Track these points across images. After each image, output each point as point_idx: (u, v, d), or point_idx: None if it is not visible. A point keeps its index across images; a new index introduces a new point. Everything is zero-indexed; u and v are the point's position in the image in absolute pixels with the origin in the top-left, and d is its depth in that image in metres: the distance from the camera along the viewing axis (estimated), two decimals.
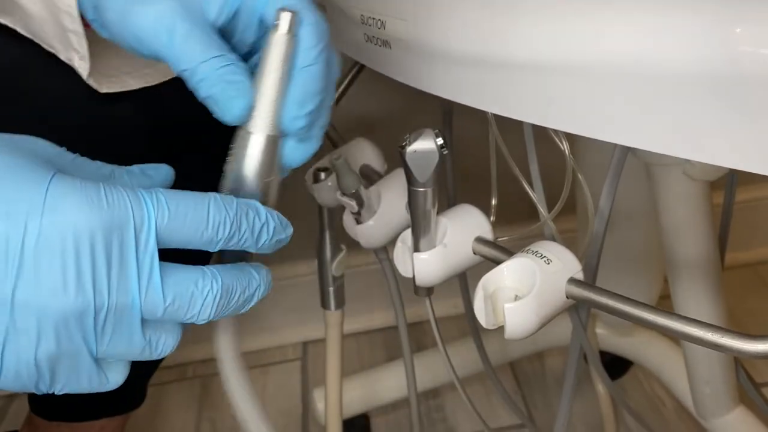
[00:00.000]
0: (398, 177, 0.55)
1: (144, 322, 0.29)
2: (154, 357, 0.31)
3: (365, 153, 0.61)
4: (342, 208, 0.58)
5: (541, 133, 0.53)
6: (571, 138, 0.47)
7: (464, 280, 0.70)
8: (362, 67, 0.67)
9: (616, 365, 1.00)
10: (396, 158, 0.62)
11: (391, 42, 0.49)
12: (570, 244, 0.47)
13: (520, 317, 0.42)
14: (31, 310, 0.26)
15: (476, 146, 0.66)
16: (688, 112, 0.34)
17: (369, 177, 0.60)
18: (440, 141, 0.44)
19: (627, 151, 0.46)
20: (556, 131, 0.49)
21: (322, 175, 0.61)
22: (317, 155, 0.66)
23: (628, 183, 0.50)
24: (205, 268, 0.30)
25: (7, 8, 0.40)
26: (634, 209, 0.77)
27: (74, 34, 0.38)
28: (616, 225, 0.51)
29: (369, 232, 0.55)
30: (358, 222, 0.55)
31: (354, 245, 0.59)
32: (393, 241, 0.56)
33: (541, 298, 0.42)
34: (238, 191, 0.35)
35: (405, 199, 0.54)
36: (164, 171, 0.36)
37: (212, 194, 0.31)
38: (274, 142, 0.35)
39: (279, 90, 0.34)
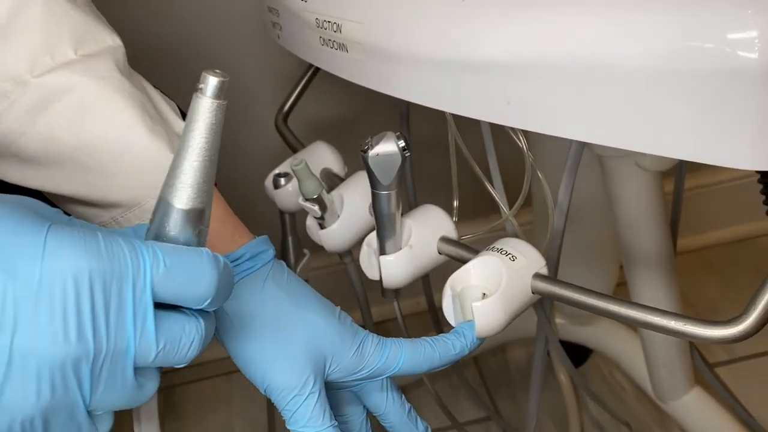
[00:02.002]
0: (360, 180, 0.55)
1: (134, 368, 0.29)
2: (140, 402, 0.30)
3: (325, 156, 0.61)
4: (304, 212, 0.57)
5: (498, 128, 0.53)
6: (527, 134, 0.48)
7: (426, 278, 0.71)
8: (317, 70, 0.67)
9: (576, 354, 1.02)
10: (355, 161, 0.63)
11: (347, 45, 0.49)
12: (528, 237, 0.48)
13: (489, 315, 0.42)
14: (29, 359, 0.26)
15: (432, 146, 0.67)
16: (640, 106, 0.35)
17: (330, 180, 0.59)
18: (402, 143, 0.44)
19: (583, 146, 0.47)
20: (514, 129, 0.49)
21: (282, 180, 0.61)
22: (276, 161, 0.66)
23: (582, 175, 0.51)
24: (187, 312, 0.30)
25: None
26: (588, 201, 0.78)
27: None
28: (572, 217, 0.52)
29: (333, 236, 0.54)
30: (322, 227, 0.55)
31: (317, 247, 0.58)
32: (357, 244, 0.56)
33: (508, 295, 0.43)
34: None
35: (368, 202, 0.54)
36: None
37: (204, 250, 0.30)
38: (195, 216, 0.31)
39: (202, 163, 0.30)
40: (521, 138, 0.50)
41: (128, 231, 0.34)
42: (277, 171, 0.61)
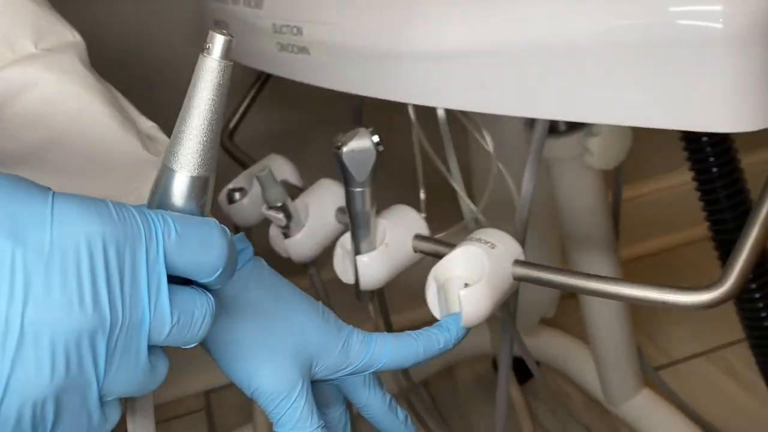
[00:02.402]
0: (324, 187, 0.54)
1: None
2: (150, 387, 0.28)
3: (281, 168, 0.59)
4: (260, 227, 0.56)
5: (457, 129, 0.54)
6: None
7: (382, 298, 0.70)
8: (263, 84, 0.66)
9: (524, 369, 1.03)
10: (309, 174, 0.62)
11: (309, 47, 0.48)
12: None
13: (476, 302, 0.42)
14: (43, 332, 0.23)
15: (388, 150, 0.67)
16: (618, 80, 0.36)
17: (289, 192, 0.58)
18: (376, 138, 0.44)
19: (546, 134, 0.48)
20: (478, 129, 0.50)
21: (237, 195, 0.59)
22: (224, 179, 0.64)
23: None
24: (195, 287, 0.29)
25: None
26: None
27: None
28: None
29: (299, 245, 0.53)
30: (287, 236, 0.53)
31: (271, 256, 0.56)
32: (323, 252, 0.55)
33: (492, 282, 0.43)
34: None
35: (333, 210, 0.53)
36: None
37: (212, 219, 0.29)
38: (201, 184, 0.29)
39: (207, 126, 0.29)
40: (486, 136, 0.51)
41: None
42: (231, 186, 0.59)
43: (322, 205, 0.54)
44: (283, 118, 0.94)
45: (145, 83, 0.85)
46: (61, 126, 0.38)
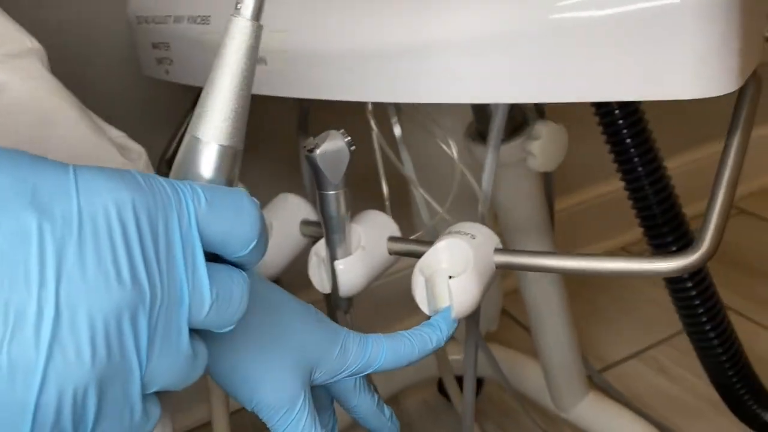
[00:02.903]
0: (284, 201, 0.53)
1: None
2: (192, 377, 0.26)
3: None
4: None
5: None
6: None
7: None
8: None
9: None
10: (257, 192, 0.60)
11: (266, 57, 0.48)
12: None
13: (466, 291, 0.42)
14: (80, 312, 0.21)
15: None
16: (584, 57, 0.38)
17: None
18: (348, 139, 0.44)
19: (504, 124, 0.50)
20: (444, 138, 0.51)
21: None
22: None
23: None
24: (228, 264, 0.27)
25: None
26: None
27: None
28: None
29: (264, 263, 0.51)
30: None
31: None
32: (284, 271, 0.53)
33: (479, 270, 0.43)
34: None
35: (297, 222, 0.52)
36: None
37: (241, 189, 0.27)
38: (231, 154, 0.28)
39: (239, 92, 0.27)
40: (451, 144, 0.51)
41: None
42: None
43: (284, 219, 0.52)
44: None
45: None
46: (33, 132, 0.35)
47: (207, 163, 0.27)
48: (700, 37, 0.35)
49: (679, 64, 0.36)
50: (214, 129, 0.27)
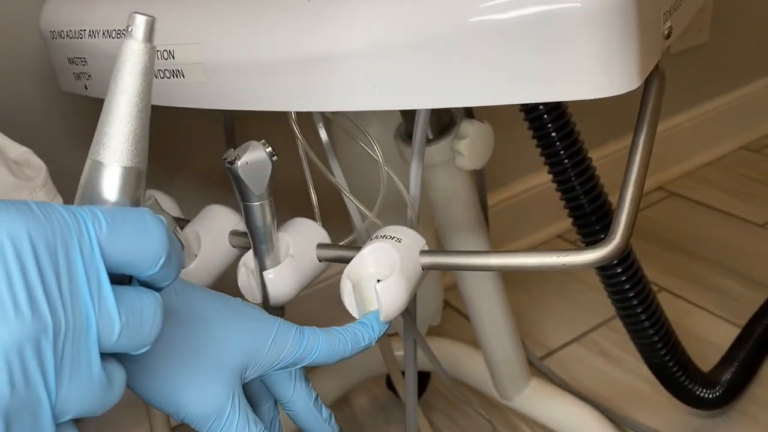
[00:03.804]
0: (212, 212, 0.53)
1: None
2: (108, 404, 0.26)
3: (162, 202, 0.57)
4: None
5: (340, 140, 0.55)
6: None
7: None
8: None
9: (418, 381, 1.04)
10: (186, 204, 0.60)
11: (184, 70, 0.47)
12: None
13: (393, 294, 0.43)
14: None
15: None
16: (488, 62, 0.39)
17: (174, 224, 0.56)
18: (269, 149, 0.44)
19: (426, 128, 0.50)
20: (370, 144, 0.51)
21: None
22: None
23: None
24: (136, 285, 0.27)
25: None
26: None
27: None
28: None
29: (193, 275, 0.51)
30: None
31: None
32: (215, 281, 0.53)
33: (405, 273, 0.43)
34: None
35: (225, 234, 0.52)
36: None
37: (145, 208, 0.27)
38: (134, 175, 0.28)
39: (138, 112, 0.27)
40: (376, 148, 0.52)
41: None
42: None
43: (213, 231, 0.52)
44: (153, 150, 0.89)
45: None
46: None
47: (110, 186, 0.27)
48: (598, 40, 0.37)
49: (579, 67, 0.37)
50: (114, 152, 0.27)
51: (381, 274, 0.44)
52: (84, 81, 0.56)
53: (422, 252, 0.45)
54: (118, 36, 0.51)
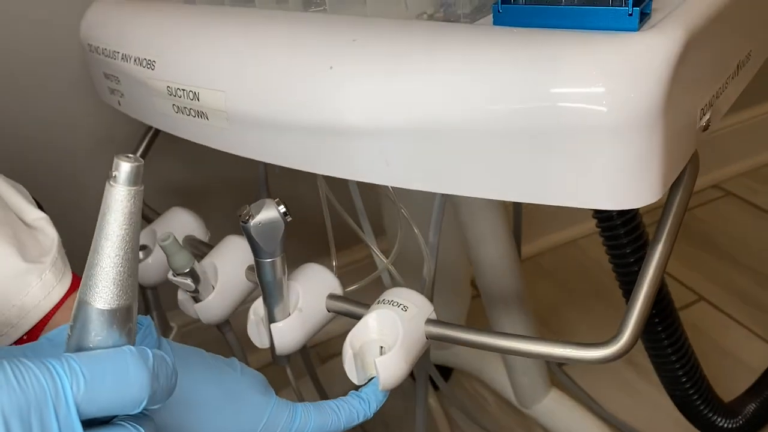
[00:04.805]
0: (231, 244, 0.53)
1: None
2: None
3: (186, 223, 0.58)
4: (167, 283, 0.54)
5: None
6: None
7: (306, 354, 0.70)
8: (156, 134, 0.64)
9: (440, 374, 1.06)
10: (217, 224, 0.61)
11: (207, 113, 0.47)
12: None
13: (392, 368, 0.43)
14: None
15: (295, 201, 0.66)
16: (510, 161, 0.37)
17: (195, 249, 0.57)
18: (282, 209, 0.44)
19: (446, 198, 0.50)
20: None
21: (141, 254, 0.58)
22: None
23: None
24: (123, 422, 0.28)
25: None
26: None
27: None
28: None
29: (210, 308, 0.52)
30: (196, 300, 0.52)
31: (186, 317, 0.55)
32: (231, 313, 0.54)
33: (407, 346, 0.44)
34: None
35: (243, 266, 0.53)
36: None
37: (128, 348, 0.28)
38: (123, 313, 0.28)
39: (122, 256, 0.28)
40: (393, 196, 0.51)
41: (42, 342, 0.30)
42: None
43: (230, 264, 0.53)
44: (187, 167, 0.91)
45: (30, 142, 0.81)
46: None
47: (100, 327, 0.28)
48: (618, 155, 0.35)
49: (595, 176, 0.36)
50: (100, 294, 0.28)
51: (383, 341, 0.44)
52: (117, 97, 0.57)
53: (429, 321, 0.45)
54: (147, 67, 0.51)
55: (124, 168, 0.27)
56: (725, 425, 0.86)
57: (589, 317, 1.13)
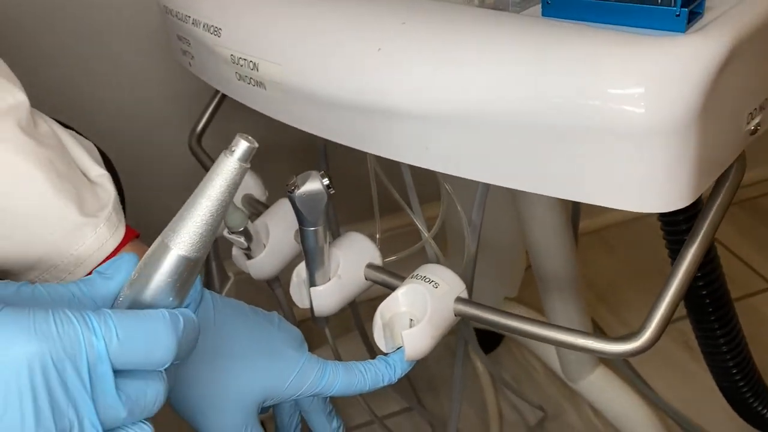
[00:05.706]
0: (283, 207, 0.56)
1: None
2: None
3: (245, 183, 0.61)
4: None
5: None
6: None
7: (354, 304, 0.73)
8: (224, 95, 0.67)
9: (489, 339, 1.08)
10: (275, 185, 0.63)
11: (265, 83, 0.50)
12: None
13: (418, 341, 0.45)
14: None
15: (348, 171, 0.68)
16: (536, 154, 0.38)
17: (252, 207, 0.60)
18: (326, 181, 0.46)
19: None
20: None
21: None
22: (192, 183, 0.66)
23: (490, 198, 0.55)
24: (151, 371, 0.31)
25: None
26: (493, 223, 0.83)
27: None
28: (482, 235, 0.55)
29: (260, 266, 0.56)
30: (249, 257, 0.56)
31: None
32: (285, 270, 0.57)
33: (434, 321, 0.46)
34: (143, 302, 0.33)
35: (293, 229, 0.56)
36: (124, 265, 0.34)
37: (163, 312, 0.31)
38: (192, 265, 0.32)
39: (213, 216, 0.31)
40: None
41: (94, 277, 0.34)
42: None
43: (281, 226, 0.56)
44: (252, 126, 0.94)
45: (107, 88, 0.85)
46: None
47: (167, 269, 0.32)
48: (647, 158, 0.35)
49: (624, 180, 0.36)
50: (182, 241, 0.31)
51: (412, 314, 0.46)
52: (188, 59, 0.60)
53: (458, 299, 0.47)
54: (214, 33, 0.53)
55: (242, 146, 0.31)
56: None
57: (648, 297, 1.11)
